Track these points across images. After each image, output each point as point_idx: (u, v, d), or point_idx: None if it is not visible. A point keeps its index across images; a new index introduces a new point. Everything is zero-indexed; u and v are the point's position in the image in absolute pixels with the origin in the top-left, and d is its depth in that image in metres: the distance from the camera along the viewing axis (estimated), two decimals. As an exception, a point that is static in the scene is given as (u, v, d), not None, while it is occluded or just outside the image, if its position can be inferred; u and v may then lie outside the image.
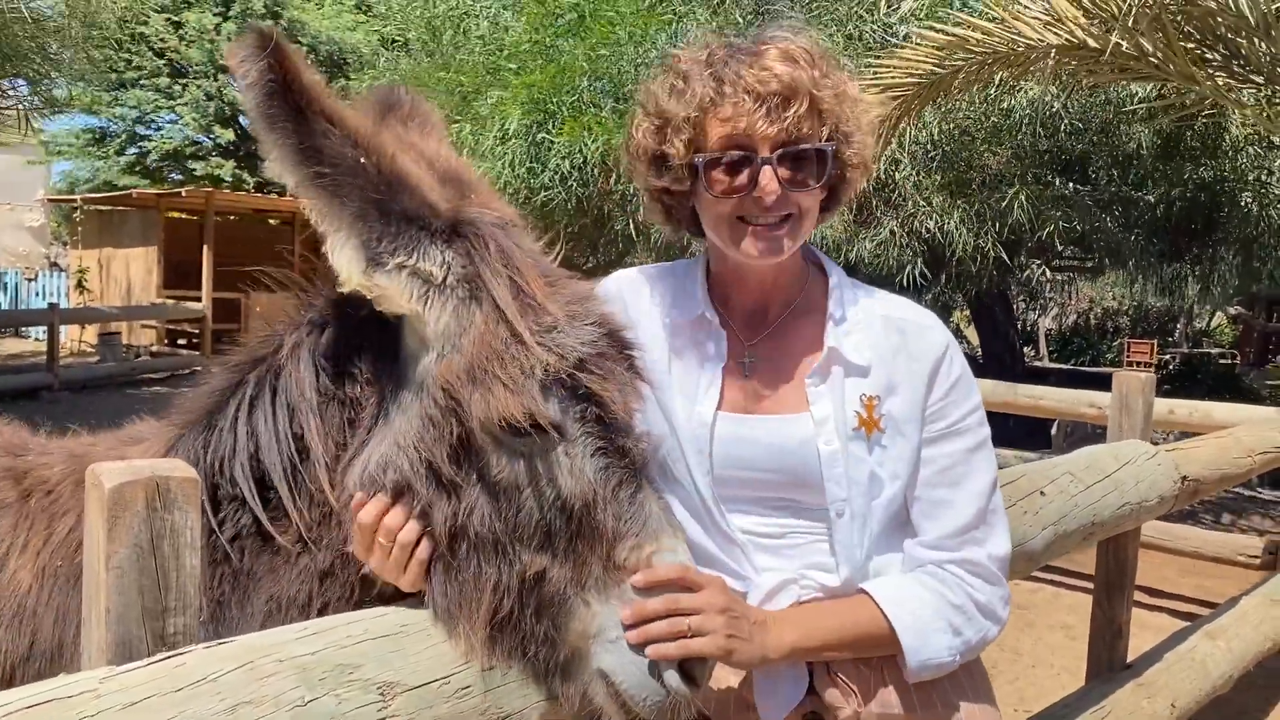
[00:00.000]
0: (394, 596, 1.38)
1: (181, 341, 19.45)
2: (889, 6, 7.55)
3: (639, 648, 1.27)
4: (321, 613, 1.40)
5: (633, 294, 1.71)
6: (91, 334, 18.51)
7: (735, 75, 1.50)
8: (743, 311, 1.67)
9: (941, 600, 1.53)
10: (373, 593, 1.40)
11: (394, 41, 11.32)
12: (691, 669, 1.28)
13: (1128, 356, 17.50)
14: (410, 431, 1.31)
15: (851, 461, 1.55)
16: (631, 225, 8.80)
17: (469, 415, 1.26)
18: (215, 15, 24.09)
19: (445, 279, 1.31)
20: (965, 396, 1.61)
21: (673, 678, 1.26)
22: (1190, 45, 5.10)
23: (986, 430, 1.63)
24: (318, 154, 1.23)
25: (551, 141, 8.34)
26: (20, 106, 12.07)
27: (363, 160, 1.25)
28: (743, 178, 1.51)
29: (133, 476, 1.11)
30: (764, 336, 1.65)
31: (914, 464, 1.59)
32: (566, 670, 1.30)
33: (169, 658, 1.08)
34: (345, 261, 1.28)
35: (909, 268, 8.64)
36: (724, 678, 1.62)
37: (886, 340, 1.60)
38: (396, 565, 1.31)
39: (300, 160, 1.22)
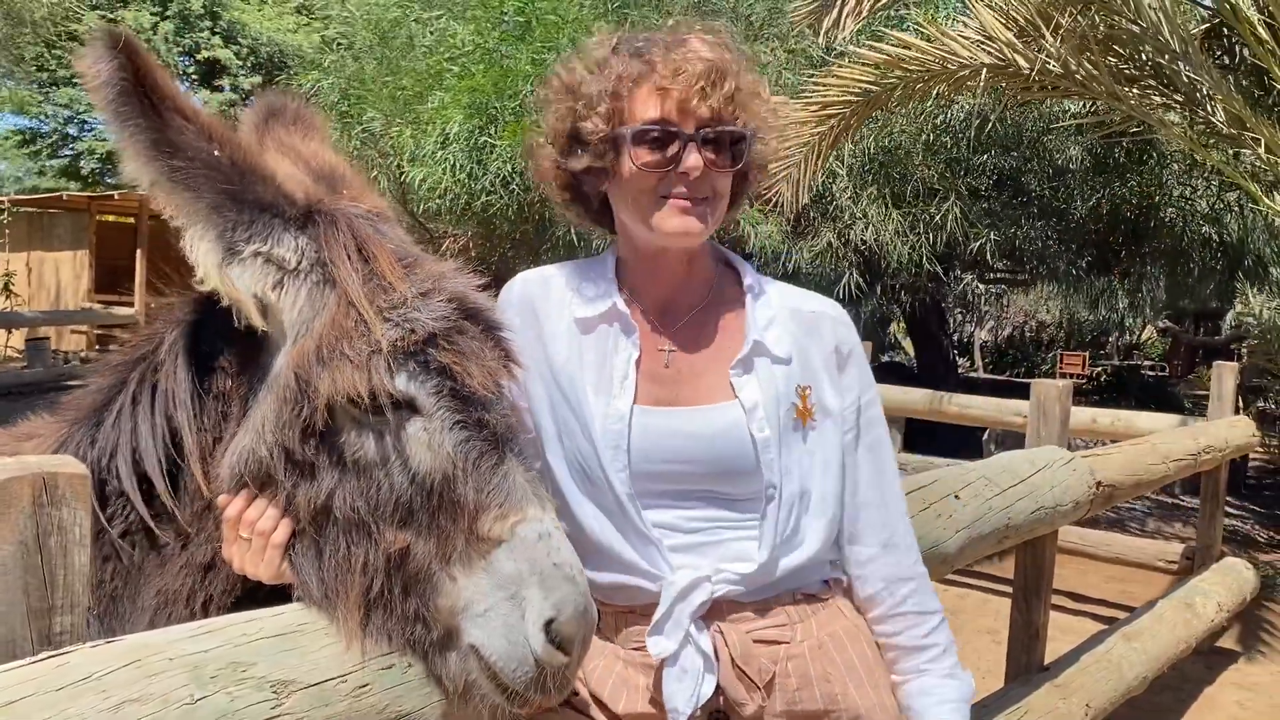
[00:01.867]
0: (273, 591, 1.38)
1: (113, 347, 18.99)
2: (830, 24, 7.66)
3: (506, 618, 1.26)
4: (205, 606, 1.40)
5: (540, 292, 1.70)
6: (19, 339, 18.02)
7: (662, 54, 1.54)
8: (655, 304, 1.67)
9: (937, 673, 1.70)
10: (253, 587, 1.40)
11: (338, 44, 11.17)
12: (561, 632, 1.26)
13: (1060, 368, 17.88)
14: (268, 419, 1.32)
15: (785, 449, 1.59)
16: (573, 232, 8.80)
17: (317, 395, 1.27)
18: (153, 14, 23.67)
19: (299, 264, 1.33)
20: (870, 385, 1.71)
21: (539, 642, 1.24)
22: (1118, 65, 5.26)
23: (881, 409, 1.76)
24: (172, 148, 1.25)
25: (493, 145, 8.31)
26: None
27: (216, 153, 1.27)
28: (668, 153, 1.53)
29: (18, 472, 1.09)
30: (679, 328, 1.66)
31: (840, 452, 1.66)
32: (444, 649, 1.29)
33: (52, 656, 1.07)
34: (204, 253, 1.30)
35: (845, 278, 8.76)
36: (635, 678, 1.62)
37: (800, 329, 1.66)
38: (256, 554, 1.32)
39: (155, 155, 1.24)
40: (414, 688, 1.30)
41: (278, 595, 1.35)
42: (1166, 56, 5.02)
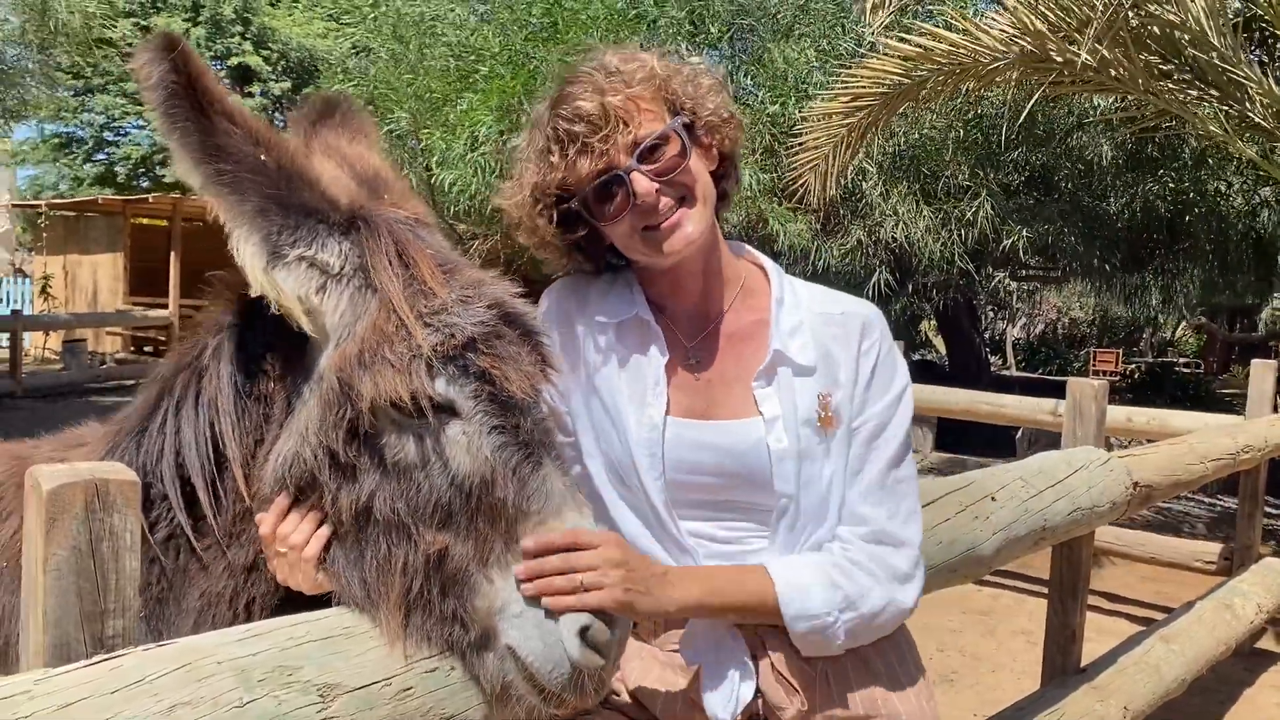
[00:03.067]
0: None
1: (148, 349, 19.23)
2: (861, 19, 7.61)
3: (542, 621, 1.27)
4: (248, 608, 1.43)
5: (575, 300, 1.72)
6: (56, 341, 18.30)
7: (566, 110, 1.54)
8: (683, 314, 1.68)
9: (822, 561, 1.56)
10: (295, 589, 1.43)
11: (364, 50, 11.28)
12: (596, 639, 1.27)
13: (1093, 366, 17.72)
14: (312, 421, 1.34)
15: (807, 460, 1.57)
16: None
17: (360, 398, 1.28)
18: (185, 21, 23.94)
19: (342, 269, 1.35)
20: (884, 388, 1.63)
21: (575, 646, 1.25)
22: (1151, 59, 5.20)
23: (899, 417, 1.64)
24: (220, 152, 1.26)
25: (521, 149, 8.33)
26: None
27: (263, 157, 1.29)
28: (620, 196, 1.54)
29: (72, 479, 1.11)
30: (705, 337, 1.66)
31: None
32: (482, 650, 1.30)
33: (105, 659, 1.09)
34: (249, 256, 1.31)
35: (876, 275, 8.72)
36: (673, 679, 1.63)
37: (827, 333, 1.63)
38: (292, 568, 1.35)
39: (202, 158, 1.26)
40: (456, 691, 1.31)
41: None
42: (1203, 49, 4.97)
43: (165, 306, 17.53)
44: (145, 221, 20.22)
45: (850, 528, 1.59)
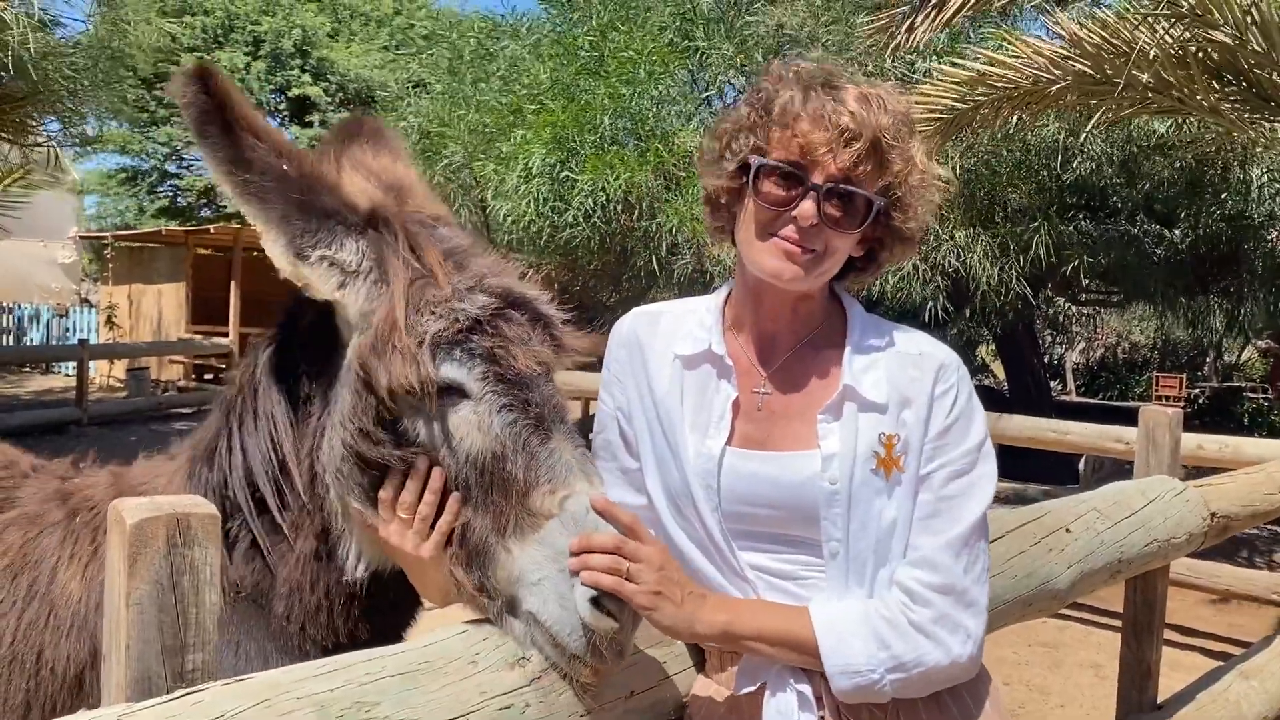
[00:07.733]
0: (375, 581, 1.54)
1: (209, 376, 19.57)
2: (908, 42, 7.57)
3: (558, 587, 1.32)
4: (326, 596, 1.54)
5: (648, 327, 1.70)
6: (121, 369, 18.71)
7: (816, 98, 1.52)
8: (758, 340, 1.64)
9: (872, 613, 1.49)
10: (356, 574, 1.54)
11: (418, 84, 11.51)
12: (608, 603, 1.30)
13: (1156, 391, 17.30)
14: (347, 411, 1.44)
15: (860, 503, 1.52)
16: (654, 261, 8.84)
17: (379, 385, 1.38)
18: (246, 54, 24.56)
19: (360, 265, 1.46)
20: (962, 436, 1.56)
21: (587, 610, 1.29)
22: (1212, 80, 5.09)
23: (981, 470, 1.56)
24: (246, 164, 1.39)
25: (574, 179, 8.40)
26: (52, 145, 12.21)
27: (285, 167, 1.41)
28: (789, 195, 1.51)
29: (154, 513, 1.12)
30: (776, 369, 1.62)
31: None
32: (509, 616, 1.38)
33: (187, 694, 1.09)
34: (278, 257, 1.43)
35: (932, 302, 8.61)
36: (733, 715, 1.59)
37: (903, 374, 1.58)
38: (415, 533, 1.42)
39: (231, 170, 1.39)
40: (530, 728, 1.30)
41: (401, 588, 1.51)
42: (1267, 69, 4.85)
43: (226, 335, 17.87)
44: (207, 251, 20.66)
45: (921, 573, 1.50)
